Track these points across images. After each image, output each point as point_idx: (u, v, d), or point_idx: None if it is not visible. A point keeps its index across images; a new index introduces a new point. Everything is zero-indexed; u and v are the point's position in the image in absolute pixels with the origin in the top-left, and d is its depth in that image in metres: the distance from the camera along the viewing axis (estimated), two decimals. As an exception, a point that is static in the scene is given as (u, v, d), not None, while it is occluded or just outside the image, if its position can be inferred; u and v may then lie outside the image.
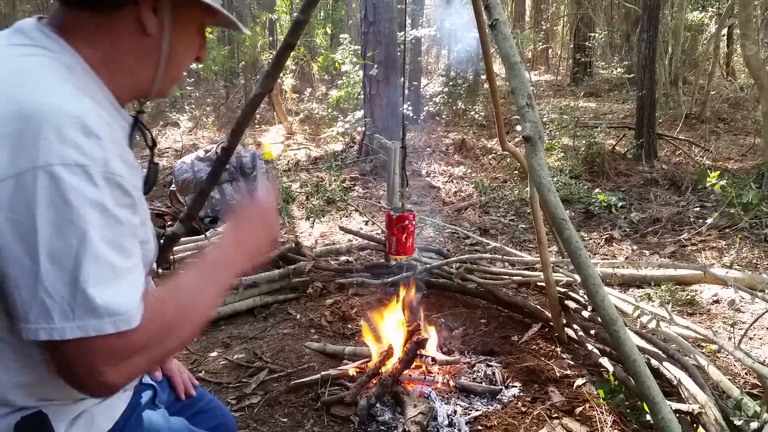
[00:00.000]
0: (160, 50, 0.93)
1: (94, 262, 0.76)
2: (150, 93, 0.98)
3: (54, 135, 0.75)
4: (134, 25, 0.89)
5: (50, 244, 0.74)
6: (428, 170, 7.25)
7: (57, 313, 0.74)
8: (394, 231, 2.18)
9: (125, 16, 0.89)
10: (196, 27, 0.98)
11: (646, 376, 1.53)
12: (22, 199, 0.73)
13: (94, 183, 0.77)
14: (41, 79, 0.81)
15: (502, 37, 1.85)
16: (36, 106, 0.76)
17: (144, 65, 0.93)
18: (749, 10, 5.93)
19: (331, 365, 2.59)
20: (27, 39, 0.86)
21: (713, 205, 5.19)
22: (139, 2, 0.88)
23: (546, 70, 15.98)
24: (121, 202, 0.80)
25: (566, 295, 2.87)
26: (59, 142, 0.75)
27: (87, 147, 0.77)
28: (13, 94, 0.78)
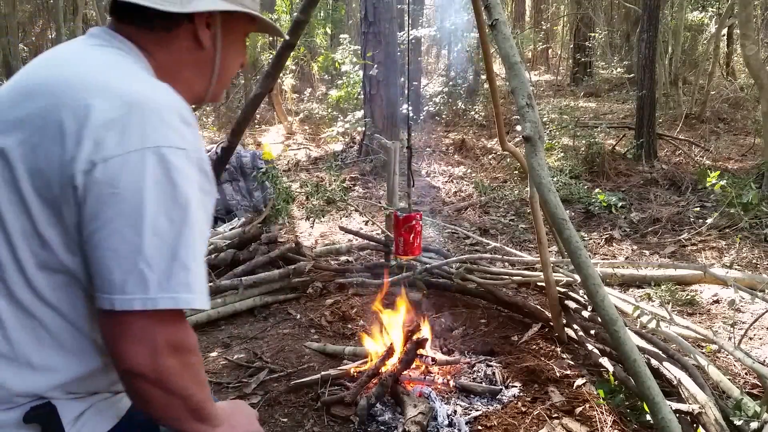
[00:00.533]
0: (214, 61, 1.00)
1: (191, 239, 0.83)
2: (204, 99, 1.05)
3: (158, 120, 0.82)
4: (191, 41, 0.97)
5: (155, 218, 0.79)
6: (428, 170, 7.25)
7: (154, 285, 0.79)
8: (402, 231, 2.18)
9: (183, 32, 0.96)
10: (242, 36, 1.06)
11: (646, 376, 1.54)
12: (129, 176, 0.79)
13: (192, 166, 0.84)
14: (133, 72, 0.90)
15: (502, 37, 1.85)
16: (137, 95, 0.83)
17: (200, 75, 1.01)
18: (749, 10, 5.93)
19: (331, 365, 2.59)
20: (105, 41, 0.93)
21: (713, 205, 5.19)
22: (195, 20, 0.95)
23: (546, 70, 15.98)
24: (205, 188, 0.87)
25: (566, 295, 2.87)
26: (163, 127, 0.82)
27: (185, 133, 0.84)
28: (112, 84, 0.84)
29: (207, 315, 3.06)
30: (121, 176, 0.79)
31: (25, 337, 0.85)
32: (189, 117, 0.87)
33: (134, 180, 0.79)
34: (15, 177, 0.82)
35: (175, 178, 0.81)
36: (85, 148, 0.79)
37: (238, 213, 5.10)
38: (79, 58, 0.91)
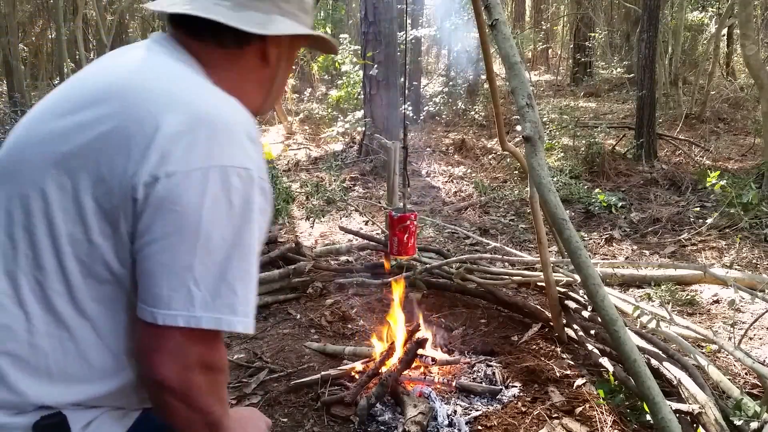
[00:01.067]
0: (275, 77, 1.02)
1: (241, 260, 0.82)
2: (257, 114, 1.04)
3: (226, 138, 0.81)
4: (258, 58, 0.97)
5: (209, 238, 0.79)
6: (428, 170, 7.26)
7: (199, 303, 0.79)
8: (396, 231, 2.18)
9: (253, 50, 0.96)
10: (298, 51, 1.09)
11: (646, 376, 1.54)
12: (190, 193, 0.78)
13: (253, 187, 0.83)
14: (203, 85, 0.88)
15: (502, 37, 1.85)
16: (208, 110, 0.82)
17: (260, 90, 1.02)
18: (749, 10, 5.93)
19: (331, 365, 2.59)
20: (169, 50, 0.92)
21: (713, 205, 5.19)
22: (267, 39, 0.95)
23: (546, 70, 15.98)
24: (264, 209, 0.85)
25: (566, 295, 2.87)
26: (231, 145, 0.81)
27: (251, 151, 0.83)
28: (182, 97, 0.83)
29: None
30: (182, 193, 0.78)
31: (52, 346, 0.83)
32: (255, 134, 0.86)
33: (194, 198, 0.78)
34: (74, 184, 0.80)
35: (235, 200, 0.80)
36: (150, 160, 0.78)
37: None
38: (147, 65, 0.89)
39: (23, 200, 0.83)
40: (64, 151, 0.82)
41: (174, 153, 0.78)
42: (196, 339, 0.81)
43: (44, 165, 0.82)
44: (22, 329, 0.82)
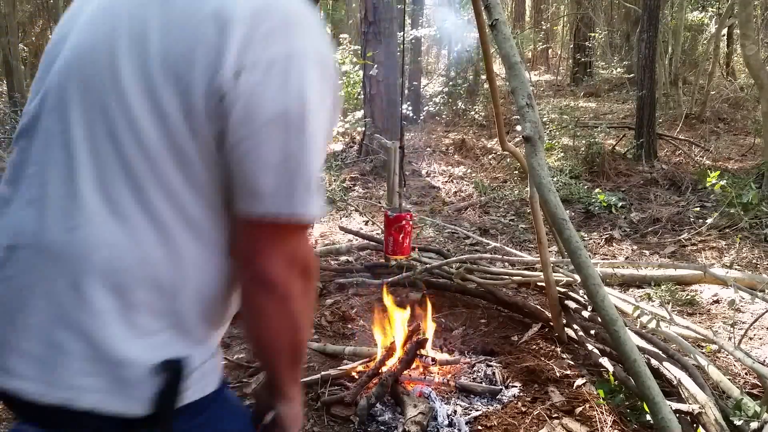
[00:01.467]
0: None
1: (323, 149, 0.84)
2: None
3: (301, 26, 0.80)
4: None
5: (298, 126, 0.79)
6: (428, 170, 7.25)
7: (295, 194, 0.80)
8: (392, 231, 2.19)
9: None
10: None
11: (646, 376, 1.54)
12: (275, 83, 0.77)
13: (328, 73, 0.83)
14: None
15: (502, 37, 1.85)
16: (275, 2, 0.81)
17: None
18: (749, 10, 5.93)
19: (331, 365, 2.58)
20: None
21: (713, 205, 5.19)
22: None
23: (546, 70, 15.98)
24: (335, 94, 0.86)
25: (566, 295, 2.87)
26: (306, 32, 0.81)
27: (322, 38, 0.84)
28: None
29: (207, 315, 3.06)
30: (268, 83, 0.77)
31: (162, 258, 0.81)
32: (319, 22, 0.86)
33: (280, 87, 0.77)
34: (153, 85, 0.78)
35: (316, 86, 0.80)
36: (231, 53, 0.76)
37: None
38: None
39: (103, 108, 0.80)
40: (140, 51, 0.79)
41: (253, 43, 0.76)
42: (294, 233, 0.83)
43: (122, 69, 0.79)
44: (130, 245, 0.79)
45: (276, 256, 0.82)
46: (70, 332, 0.78)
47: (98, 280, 0.78)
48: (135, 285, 0.79)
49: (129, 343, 0.79)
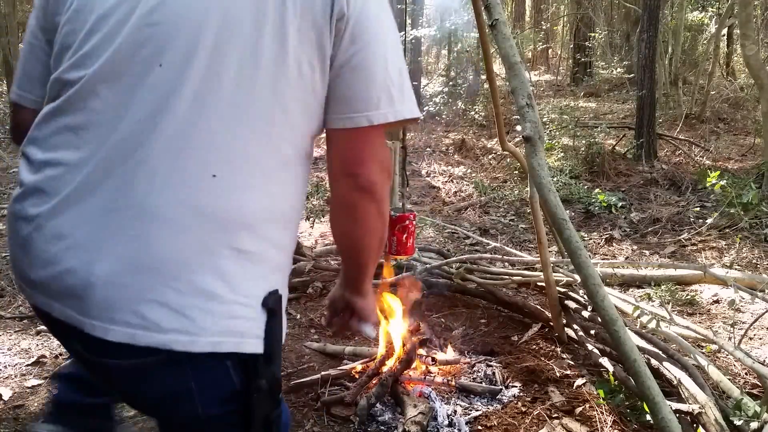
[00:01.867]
0: None
1: (404, 59, 0.98)
2: None
3: None
4: None
5: (392, 41, 0.94)
6: (428, 170, 7.25)
7: (396, 98, 0.92)
8: (395, 231, 2.18)
9: None
10: None
11: (646, 376, 1.54)
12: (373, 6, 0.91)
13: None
14: None
15: (502, 37, 1.85)
16: None
17: None
18: (749, 10, 5.93)
19: (331, 365, 2.58)
20: None
21: (713, 205, 5.19)
22: None
23: (546, 70, 15.98)
24: None
25: (566, 295, 2.87)
26: None
27: None
28: None
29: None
30: (369, 6, 0.90)
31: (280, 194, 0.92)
32: None
33: (376, 9, 0.91)
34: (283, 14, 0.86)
35: (388, 8, 0.95)
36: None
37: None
38: None
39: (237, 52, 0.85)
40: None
41: None
42: (383, 140, 0.96)
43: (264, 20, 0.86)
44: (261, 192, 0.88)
45: (374, 163, 0.94)
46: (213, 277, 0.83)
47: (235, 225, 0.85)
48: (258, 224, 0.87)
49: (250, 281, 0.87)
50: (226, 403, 0.87)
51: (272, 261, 0.90)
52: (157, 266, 0.81)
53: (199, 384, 0.85)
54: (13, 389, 2.42)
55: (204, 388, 0.85)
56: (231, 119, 0.84)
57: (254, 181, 0.86)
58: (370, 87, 0.90)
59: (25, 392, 2.40)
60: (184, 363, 0.83)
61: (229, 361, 0.85)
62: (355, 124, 0.90)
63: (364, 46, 0.89)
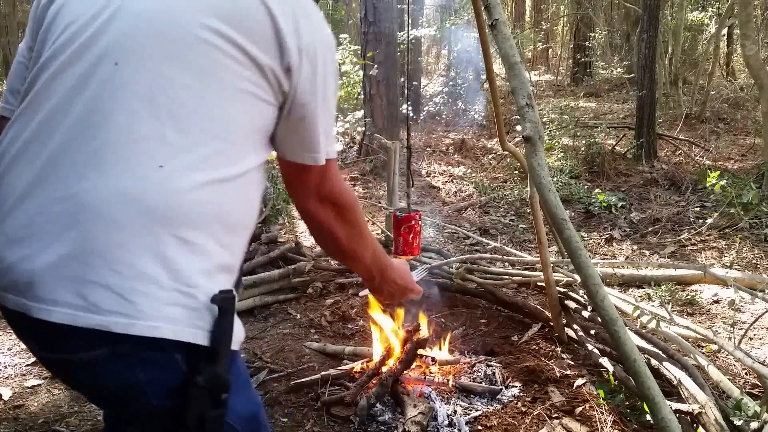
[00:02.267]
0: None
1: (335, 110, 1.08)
2: None
3: (318, 20, 1.01)
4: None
5: (331, 94, 1.04)
6: (428, 170, 7.25)
7: (324, 143, 1.04)
8: (401, 231, 2.18)
9: None
10: None
11: (646, 376, 1.54)
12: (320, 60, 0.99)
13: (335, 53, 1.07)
14: None
15: (502, 37, 1.85)
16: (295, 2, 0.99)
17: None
18: (749, 10, 5.93)
19: (331, 365, 2.59)
20: None
21: (713, 205, 5.19)
22: None
23: (546, 70, 15.97)
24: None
25: (566, 295, 2.87)
26: (324, 23, 1.03)
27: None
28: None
29: (207, 315, 3.06)
30: (317, 60, 0.98)
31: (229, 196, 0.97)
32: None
33: (322, 64, 0.99)
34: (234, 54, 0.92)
35: (335, 64, 1.04)
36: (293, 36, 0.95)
37: (238, 213, 5.09)
38: None
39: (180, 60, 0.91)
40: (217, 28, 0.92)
41: (302, 28, 0.96)
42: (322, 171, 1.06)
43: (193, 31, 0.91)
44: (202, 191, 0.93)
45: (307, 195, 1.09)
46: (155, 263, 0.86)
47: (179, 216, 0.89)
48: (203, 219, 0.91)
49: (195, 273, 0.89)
50: (178, 396, 0.89)
51: (217, 257, 0.93)
52: (100, 250, 0.84)
53: (148, 376, 0.87)
54: (13, 389, 2.42)
55: (153, 380, 0.88)
56: (180, 118, 0.89)
57: (200, 177, 0.90)
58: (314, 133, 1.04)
59: (25, 392, 2.40)
60: (131, 354, 0.86)
61: (178, 354, 0.88)
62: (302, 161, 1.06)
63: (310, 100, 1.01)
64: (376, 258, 1.28)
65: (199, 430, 0.89)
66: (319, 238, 1.21)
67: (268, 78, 0.95)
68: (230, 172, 0.94)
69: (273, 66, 0.94)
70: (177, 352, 0.87)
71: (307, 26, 0.97)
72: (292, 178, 1.09)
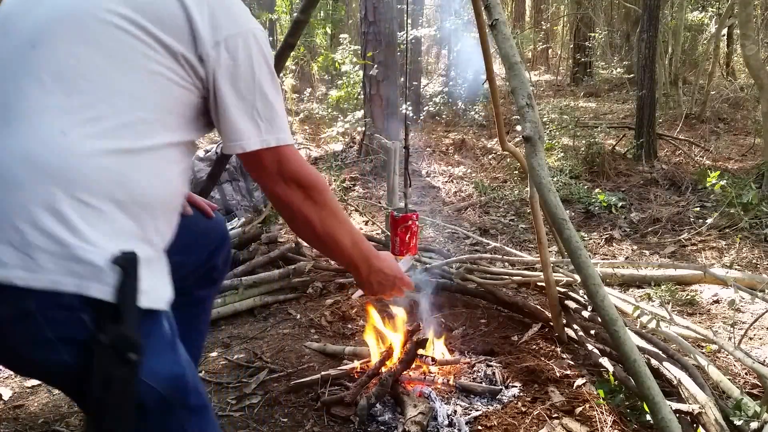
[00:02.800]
0: None
1: (279, 96, 1.12)
2: None
3: (239, 11, 1.07)
4: None
5: (261, 82, 1.08)
6: (428, 170, 7.25)
7: (263, 130, 1.09)
8: (398, 231, 2.18)
9: None
10: None
11: (646, 376, 1.54)
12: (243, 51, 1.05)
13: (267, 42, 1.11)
14: None
15: (502, 37, 1.85)
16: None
17: None
18: (749, 10, 5.93)
19: (331, 365, 2.59)
20: None
21: (713, 205, 5.19)
22: None
23: (546, 70, 15.97)
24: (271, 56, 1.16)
25: (566, 295, 2.87)
26: (245, 12, 1.09)
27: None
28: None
29: (207, 315, 3.06)
30: (238, 53, 1.04)
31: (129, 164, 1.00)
32: None
33: (246, 56, 1.05)
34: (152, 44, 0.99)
35: (266, 51, 1.09)
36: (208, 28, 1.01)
37: (238, 213, 5.10)
38: None
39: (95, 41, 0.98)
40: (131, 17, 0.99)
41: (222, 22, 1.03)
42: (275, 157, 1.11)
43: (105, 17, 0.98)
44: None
45: (268, 177, 1.12)
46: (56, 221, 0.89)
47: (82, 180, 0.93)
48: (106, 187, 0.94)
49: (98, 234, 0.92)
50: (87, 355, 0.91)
51: (122, 224, 0.95)
52: (3, 210, 0.89)
53: (56, 333, 0.90)
54: (13, 389, 2.42)
55: (62, 338, 0.90)
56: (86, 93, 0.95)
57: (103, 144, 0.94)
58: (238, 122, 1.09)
59: (25, 392, 2.40)
60: (38, 312, 0.88)
61: (85, 313, 0.90)
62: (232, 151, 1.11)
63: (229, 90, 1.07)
64: (357, 244, 1.27)
65: (106, 388, 0.90)
66: (294, 224, 1.21)
67: (181, 64, 1.00)
68: (136, 144, 0.97)
69: (186, 53, 1.00)
70: (83, 310, 0.90)
71: (225, 18, 1.03)
72: (248, 166, 1.14)
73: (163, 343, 1.01)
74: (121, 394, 0.92)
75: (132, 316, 0.92)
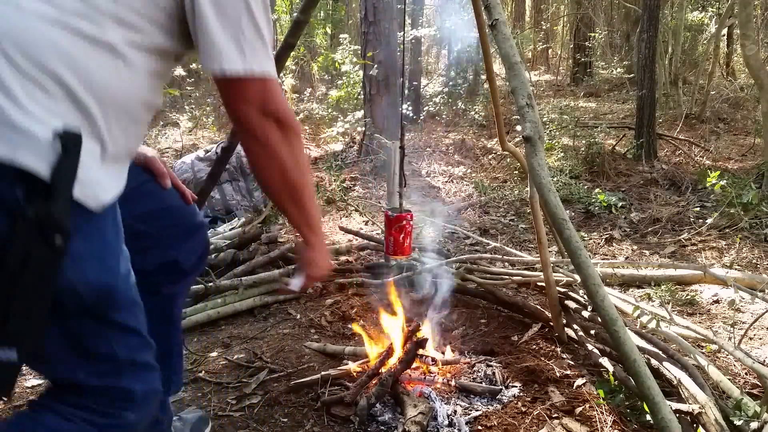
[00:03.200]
0: None
1: (267, 23, 1.05)
2: None
3: None
4: None
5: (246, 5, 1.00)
6: (428, 170, 7.25)
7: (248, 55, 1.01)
8: (392, 231, 2.18)
9: None
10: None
11: (646, 376, 1.54)
12: None
13: None
14: None
15: (502, 37, 1.85)
16: None
17: None
18: (749, 10, 5.93)
19: (331, 365, 2.58)
20: None
21: (713, 205, 5.19)
22: None
23: (546, 70, 15.97)
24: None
25: (566, 295, 2.87)
26: None
27: None
28: None
29: (207, 315, 3.06)
30: None
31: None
32: None
33: None
34: None
35: None
36: None
37: (238, 213, 5.10)
38: None
39: None
40: None
41: None
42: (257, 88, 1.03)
43: None
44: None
45: (248, 108, 1.04)
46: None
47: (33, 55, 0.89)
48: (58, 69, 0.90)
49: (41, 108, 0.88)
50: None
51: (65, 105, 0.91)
52: None
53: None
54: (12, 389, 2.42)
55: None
56: None
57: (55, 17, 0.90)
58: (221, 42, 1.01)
59: (25, 392, 2.40)
60: None
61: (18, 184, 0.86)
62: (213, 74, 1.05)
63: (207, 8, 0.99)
64: (316, 207, 1.21)
65: (24, 266, 0.86)
66: (263, 161, 1.11)
67: None
68: (92, 31, 0.92)
69: None
70: (14, 182, 0.86)
71: None
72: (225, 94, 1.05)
73: (98, 247, 0.96)
74: (38, 276, 0.87)
75: (64, 200, 0.88)
